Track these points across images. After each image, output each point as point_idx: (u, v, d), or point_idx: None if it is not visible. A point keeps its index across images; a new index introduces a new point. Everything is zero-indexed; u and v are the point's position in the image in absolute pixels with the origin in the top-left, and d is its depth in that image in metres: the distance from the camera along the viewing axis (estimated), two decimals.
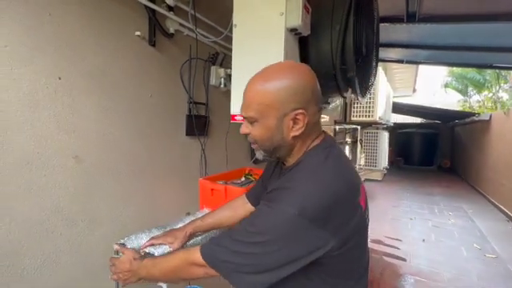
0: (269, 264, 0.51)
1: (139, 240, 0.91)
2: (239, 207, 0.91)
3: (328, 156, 0.59)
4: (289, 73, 0.58)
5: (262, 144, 0.62)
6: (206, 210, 1.22)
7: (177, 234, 0.86)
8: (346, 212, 0.54)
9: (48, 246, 0.85)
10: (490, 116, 5.68)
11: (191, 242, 0.92)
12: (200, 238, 0.97)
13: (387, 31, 2.00)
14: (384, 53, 2.64)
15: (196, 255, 0.58)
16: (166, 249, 0.85)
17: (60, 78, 0.86)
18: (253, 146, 0.65)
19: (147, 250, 0.84)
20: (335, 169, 0.57)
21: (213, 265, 0.56)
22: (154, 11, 1.11)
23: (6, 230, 0.75)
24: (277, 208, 0.52)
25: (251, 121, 0.60)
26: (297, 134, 0.58)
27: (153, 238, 0.86)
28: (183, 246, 0.85)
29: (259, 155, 0.65)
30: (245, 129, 0.63)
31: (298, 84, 0.56)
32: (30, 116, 0.79)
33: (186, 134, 1.35)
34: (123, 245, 0.89)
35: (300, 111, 0.56)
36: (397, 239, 3.16)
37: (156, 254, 0.82)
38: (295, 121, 0.57)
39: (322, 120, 1.50)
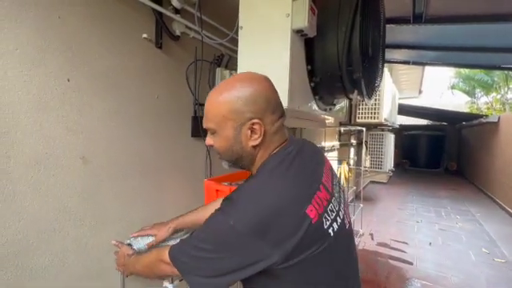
0: (214, 270, 0.53)
1: (145, 240, 0.92)
2: None
3: (277, 167, 0.58)
4: (242, 84, 0.58)
5: (224, 154, 0.63)
6: None
7: (161, 227, 0.91)
8: (288, 225, 0.52)
9: (56, 245, 0.86)
10: (499, 118, 5.59)
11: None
12: (183, 233, 1.00)
13: (393, 32, 1.99)
14: (390, 54, 2.62)
15: (165, 253, 0.61)
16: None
17: (69, 80, 0.87)
18: (218, 157, 0.66)
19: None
20: (280, 181, 0.56)
21: (174, 264, 0.58)
22: (160, 14, 1.12)
23: (15, 230, 0.76)
24: (220, 218, 0.54)
25: (212, 132, 0.62)
26: (255, 143, 0.59)
27: (142, 229, 0.93)
28: (165, 240, 0.91)
29: (224, 165, 0.67)
30: (209, 140, 0.64)
31: (250, 94, 0.57)
32: (39, 117, 0.80)
33: (192, 136, 1.35)
34: (129, 245, 0.90)
35: (255, 121, 0.57)
36: (403, 242, 3.12)
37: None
38: (252, 130, 0.58)
39: (327, 122, 1.50)
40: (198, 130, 1.36)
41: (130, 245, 0.90)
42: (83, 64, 0.91)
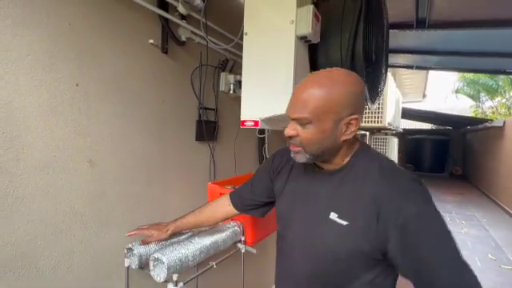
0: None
1: (146, 245, 0.93)
2: (219, 208, 0.96)
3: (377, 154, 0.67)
4: (346, 79, 0.60)
5: (309, 147, 0.62)
6: None
7: (159, 227, 0.93)
8: None
9: (62, 247, 0.87)
10: (504, 122, 5.53)
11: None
12: (184, 237, 1.02)
13: (397, 37, 1.99)
14: (393, 59, 2.63)
15: None
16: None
17: (77, 85, 0.89)
18: (294, 149, 0.65)
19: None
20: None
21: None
22: (167, 20, 1.15)
23: (23, 231, 0.78)
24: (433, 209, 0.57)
25: (304, 122, 0.60)
26: (348, 137, 0.61)
27: (138, 229, 0.94)
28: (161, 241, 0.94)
29: (301, 158, 0.65)
30: (291, 131, 0.62)
31: (355, 90, 0.59)
32: (48, 121, 0.82)
33: (196, 139, 1.37)
34: (131, 249, 0.91)
35: (355, 116, 0.59)
36: None
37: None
38: (348, 125, 0.60)
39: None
40: (203, 134, 1.37)
41: (130, 249, 0.91)
42: (91, 69, 0.93)
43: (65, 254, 0.88)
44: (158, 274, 0.87)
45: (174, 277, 0.85)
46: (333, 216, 0.63)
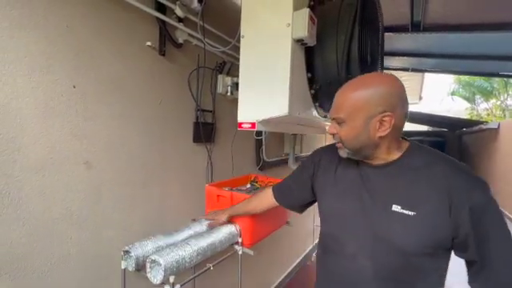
0: None
1: (143, 247, 0.93)
2: (265, 200, 1.05)
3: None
4: (377, 80, 0.66)
5: (347, 143, 0.69)
6: None
7: (218, 213, 1.15)
8: None
9: (58, 249, 0.86)
10: (499, 124, 5.59)
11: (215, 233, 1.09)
12: (182, 238, 1.05)
13: (392, 40, 2.02)
14: (389, 61, 2.65)
15: None
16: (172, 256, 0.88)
17: (74, 87, 0.89)
18: (337, 145, 0.74)
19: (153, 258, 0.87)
20: None
21: None
22: (164, 22, 1.15)
23: (19, 233, 0.77)
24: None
25: (339, 121, 0.69)
26: (383, 134, 0.65)
27: (212, 213, 1.18)
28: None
29: (343, 153, 0.73)
30: (332, 129, 0.72)
31: (385, 90, 0.63)
32: (45, 123, 0.82)
33: (193, 141, 1.37)
34: (127, 252, 0.91)
35: (387, 114, 0.63)
36: None
37: (161, 262, 0.85)
38: (382, 122, 0.64)
39: (327, 128, 1.51)
40: (200, 136, 1.38)
41: (127, 251, 0.91)
42: (89, 71, 0.93)
43: (61, 257, 0.87)
44: (155, 275, 0.87)
45: (171, 279, 0.85)
46: (396, 208, 0.65)
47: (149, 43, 1.12)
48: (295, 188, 0.95)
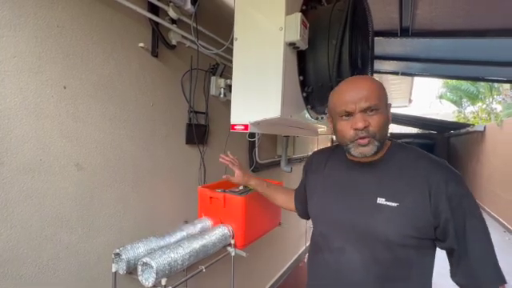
0: None
1: (135, 250, 0.92)
2: (290, 202, 1.07)
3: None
4: (374, 79, 0.72)
5: (380, 133, 0.67)
6: (205, 218, 1.23)
7: (244, 173, 1.13)
8: None
9: (47, 252, 0.85)
10: (485, 127, 5.77)
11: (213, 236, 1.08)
12: (174, 240, 1.04)
13: (382, 45, 2.07)
14: (380, 65, 2.71)
15: None
16: (165, 258, 0.87)
17: (65, 87, 0.88)
18: (363, 142, 0.67)
19: (144, 260, 0.86)
20: None
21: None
22: (157, 24, 1.15)
23: (6, 237, 0.76)
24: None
25: (376, 108, 0.66)
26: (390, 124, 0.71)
27: (231, 160, 1.13)
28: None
29: (372, 148, 0.68)
30: (363, 122, 0.66)
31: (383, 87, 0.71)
32: (34, 124, 0.81)
33: (186, 143, 1.37)
34: (118, 254, 0.90)
35: (390, 105, 0.71)
36: None
37: (153, 265, 0.84)
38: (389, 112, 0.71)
39: (319, 130, 1.54)
40: (193, 137, 1.37)
41: (118, 254, 0.90)
42: (80, 72, 0.92)
43: (49, 260, 0.85)
44: (147, 278, 0.86)
45: (163, 281, 0.85)
46: (380, 201, 0.68)
47: (141, 44, 1.11)
48: (298, 196, 1.03)
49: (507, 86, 7.05)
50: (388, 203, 0.66)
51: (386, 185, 0.69)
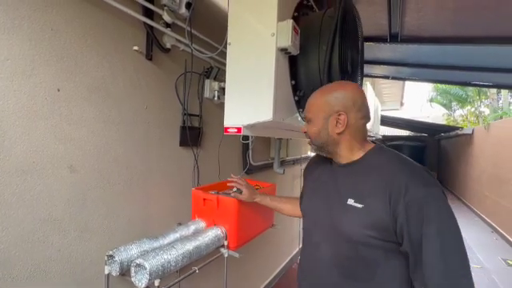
0: None
1: (128, 251, 0.93)
2: (297, 210, 1.07)
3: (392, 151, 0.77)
4: (338, 87, 0.78)
5: (314, 138, 0.81)
6: (198, 220, 1.24)
7: (251, 191, 1.13)
8: None
9: (39, 255, 0.85)
10: (473, 130, 5.93)
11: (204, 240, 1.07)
12: (167, 242, 1.05)
13: (373, 50, 2.12)
14: (371, 69, 2.78)
15: None
16: (159, 260, 0.88)
17: (59, 90, 0.89)
18: (308, 142, 0.86)
19: (138, 262, 0.87)
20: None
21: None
22: (151, 27, 1.17)
23: None
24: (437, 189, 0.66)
25: (307, 120, 0.82)
26: (339, 131, 0.75)
27: (237, 180, 1.14)
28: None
29: (311, 149, 0.87)
30: (304, 128, 0.84)
31: (342, 94, 0.75)
32: (27, 126, 0.81)
33: (180, 145, 1.38)
34: (111, 256, 0.90)
35: (342, 113, 0.74)
36: None
37: (146, 266, 0.85)
38: (338, 120, 0.75)
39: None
40: (187, 140, 1.39)
41: (111, 256, 0.90)
42: (74, 74, 0.93)
43: (41, 263, 0.85)
44: (140, 280, 0.87)
45: (156, 282, 0.86)
46: (350, 201, 0.73)
47: (136, 48, 1.13)
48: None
49: (494, 90, 7.26)
50: (355, 204, 0.71)
51: (357, 186, 0.74)
